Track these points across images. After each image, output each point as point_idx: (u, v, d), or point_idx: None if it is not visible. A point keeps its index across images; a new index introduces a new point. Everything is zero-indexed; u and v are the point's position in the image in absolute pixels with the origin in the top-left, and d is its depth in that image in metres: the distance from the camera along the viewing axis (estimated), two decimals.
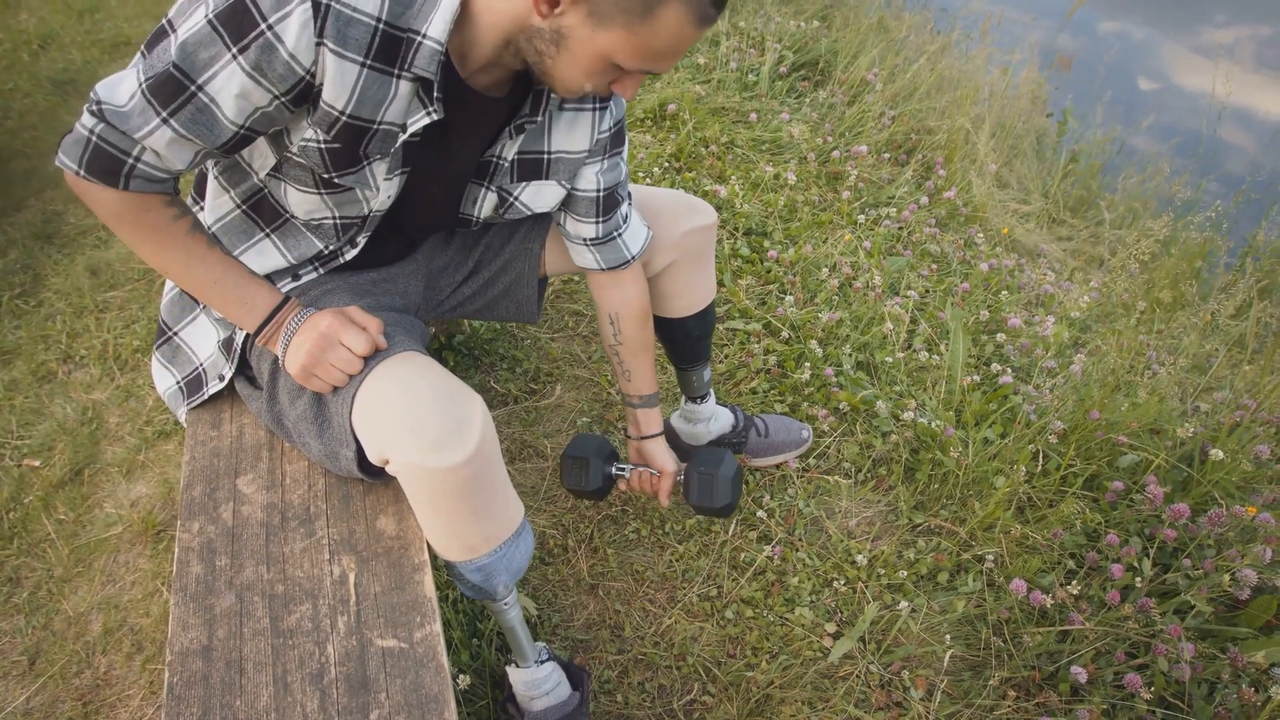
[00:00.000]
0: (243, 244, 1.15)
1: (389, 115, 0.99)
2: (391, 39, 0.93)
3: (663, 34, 0.89)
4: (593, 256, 1.33)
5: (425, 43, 0.93)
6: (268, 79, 0.90)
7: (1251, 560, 1.49)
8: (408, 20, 0.93)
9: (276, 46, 0.88)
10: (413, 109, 0.99)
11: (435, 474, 0.97)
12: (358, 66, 0.92)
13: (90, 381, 1.96)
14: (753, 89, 3.06)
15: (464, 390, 1.03)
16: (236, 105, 0.92)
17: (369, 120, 0.98)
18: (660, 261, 1.43)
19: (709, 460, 1.38)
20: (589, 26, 0.89)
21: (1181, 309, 2.55)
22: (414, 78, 0.96)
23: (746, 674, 1.42)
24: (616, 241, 1.32)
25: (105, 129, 0.94)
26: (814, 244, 2.38)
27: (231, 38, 0.88)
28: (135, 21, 3.55)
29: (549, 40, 0.92)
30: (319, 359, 1.04)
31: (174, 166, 0.98)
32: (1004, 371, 1.99)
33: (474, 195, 1.19)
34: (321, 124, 0.97)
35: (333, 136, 0.98)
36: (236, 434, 1.22)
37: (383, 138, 1.01)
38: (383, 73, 0.94)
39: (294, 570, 1.05)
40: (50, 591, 1.56)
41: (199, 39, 0.89)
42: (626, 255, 1.33)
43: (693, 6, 0.88)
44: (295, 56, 0.89)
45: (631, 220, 1.33)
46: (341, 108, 0.95)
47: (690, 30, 0.90)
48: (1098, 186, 3.53)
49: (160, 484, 1.73)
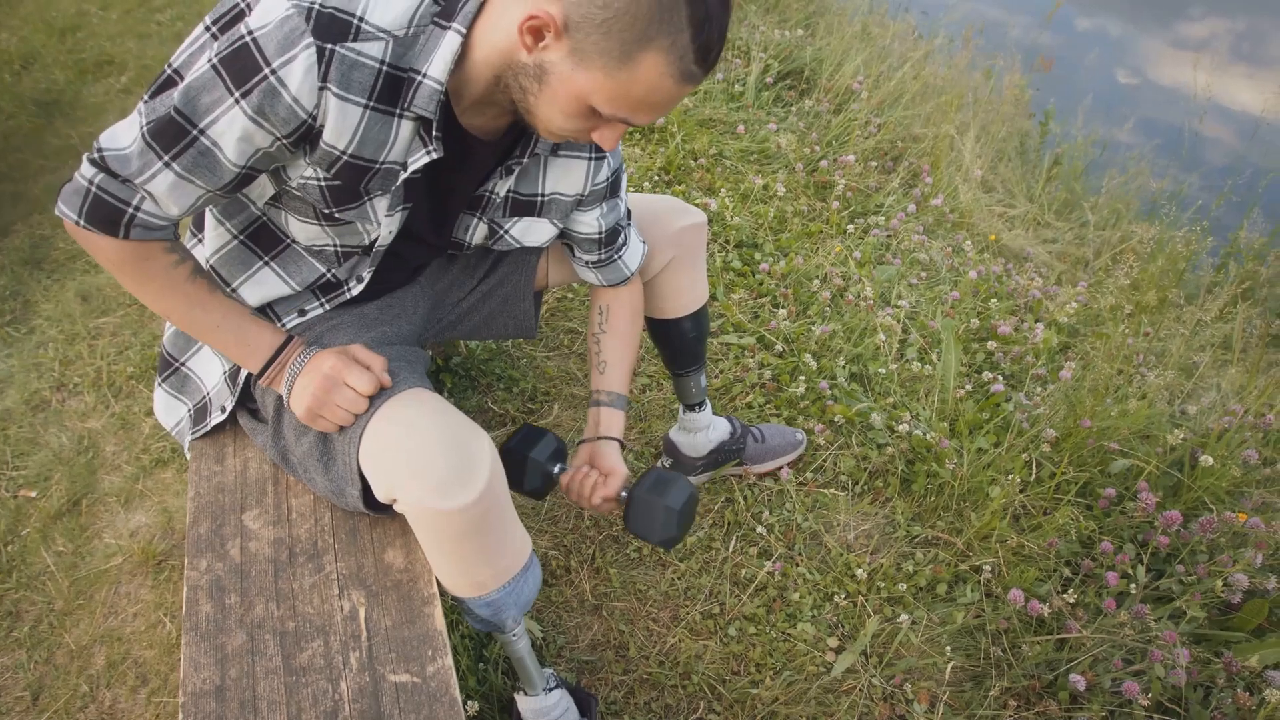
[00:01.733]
0: (241, 274, 1.16)
1: (391, 155, 0.99)
2: (394, 80, 0.93)
3: (641, 83, 0.87)
4: (594, 275, 1.37)
5: (425, 82, 0.94)
6: (270, 122, 0.91)
7: (1243, 566, 1.52)
8: (409, 60, 0.93)
9: (280, 91, 0.88)
10: (414, 148, 1.00)
11: (443, 515, 0.98)
12: (360, 109, 0.93)
13: (85, 409, 1.95)
14: (739, 100, 3.08)
15: (471, 429, 1.04)
16: (238, 148, 0.93)
17: (371, 160, 0.98)
18: (659, 261, 1.45)
19: (659, 485, 1.21)
20: (570, 65, 0.88)
21: (1167, 311, 2.59)
22: (414, 117, 0.97)
23: (751, 692, 1.44)
24: (617, 262, 1.35)
25: (104, 179, 0.95)
26: (805, 255, 2.40)
27: (234, 82, 0.88)
28: (118, 40, 3.53)
29: (532, 76, 0.91)
30: (324, 400, 1.05)
31: (173, 212, 0.98)
32: (995, 380, 2.01)
33: (466, 223, 1.20)
34: (321, 163, 0.97)
35: (333, 175, 0.99)
36: (241, 468, 1.23)
37: (383, 176, 1.01)
38: (385, 113, 0.95)
39: (304, 606, 1.06)
40: (51, 625, 1.55)
41: (202, 83, 0.90)
42: (626, 273, 1.37)
43: (674, 60, 0.86)
44: (299, 100, 0.89)
45: (631, 241, 1.35)
46: (343, 149, 0.95)
47: (670, 84, 0.88)
48: (1081, 188, 3.57)
49: (160, 513, 1.73)
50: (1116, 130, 3.91)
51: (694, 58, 0.87)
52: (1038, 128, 3.85)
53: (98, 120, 2.99)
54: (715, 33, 0.87)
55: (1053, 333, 2.24)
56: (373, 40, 0.90)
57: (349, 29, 0.89)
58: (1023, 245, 2.95)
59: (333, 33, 0.88)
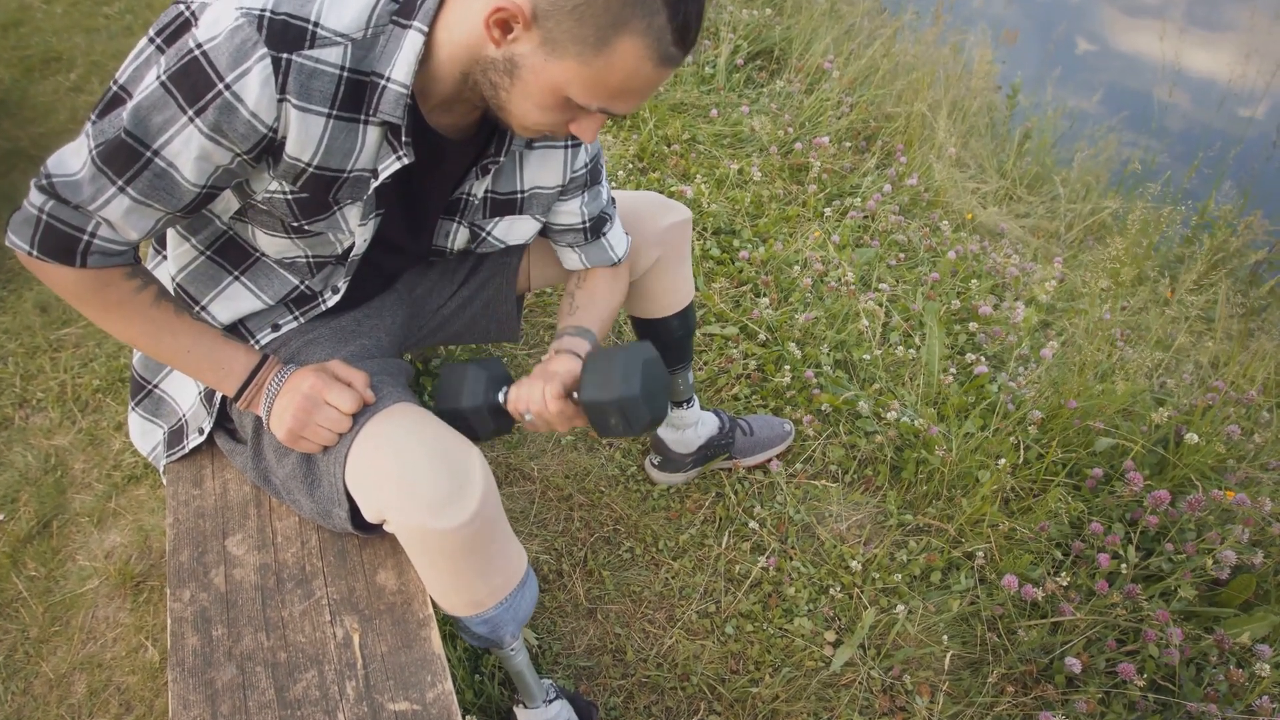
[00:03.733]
0: (210, 291, 1.11)
1: (359, 163, 0.95)
2: (356, 85, 0.89)
3: (618, 69, 0.83)
4: (578, 255, 1.30)
5: (390, 87, 0.89)
6: (228, 139, 0.86)
7: (1231, 542, 1.53)
8: (370, 63, 0.88)
9: (236, 106, 0.83)
10: (383, 154, 0.95)
11: (437, 535, 0.95)
12: (323, 118, 0.88)
13: (50, 426, 1.88)
14: (710, 82, 3.04)
15: (460, 443, 1.00)
16: (196, 167, 0.87)
17: (338, 170, 0.94)
18: (645, 261, 1.41)
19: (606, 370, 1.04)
20: (542, 55, 0.84)
21: (1142, 284, 2.61)
22: (381, 122, 0.92)
23: (751, 690, 1.43)
24: (602, 242, 1.28)
25: (56, 206, 0.89)
26: (783, 240, 2.38)
27: (187, 99, 0.83)
28: (65, 35, 3.39)
29: (503, 71, 0.87)
30: (306, 421, 1.01)
31: (132, 237, 0.92)
32: (979, 361, 2.01)
33: (445, 229, 1.16)
34: (286, 176, 0.93)
35: (299, 187, 0.94)
36: (220, 491, 1.18)
37: (353, 184, 0.97)
38: (349, 120, 0.90)
39: (295, 635, 1.02)
40: (28, 654, 1.50)
41: (151, 102, 0.84)
42: (612, 256, 1.30)
43: (651, 43, 0.82)
44: (257, 115, 0.84)
45: (616, 223, 1.30)
46: (308, 160, 0.91)
47: (649, 69, 0.84)
48: (1051, 161, 3.59)
49: (135, 532, 1.67)
50: (1084, 102, 3.93)
51: (672, 39, 0.83)
52: (1005, 101, 3.86)
53: (47, 121, 2.88)
54: (693, 11, 0.83)
55: (1033, 311, 2.24)
56: (330, 45, 0.85)
57: (304, 35, 0.84)
58: (996, 221, 2.95)
59: (287, 41, 0.83)
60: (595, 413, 1.04)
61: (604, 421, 1.04)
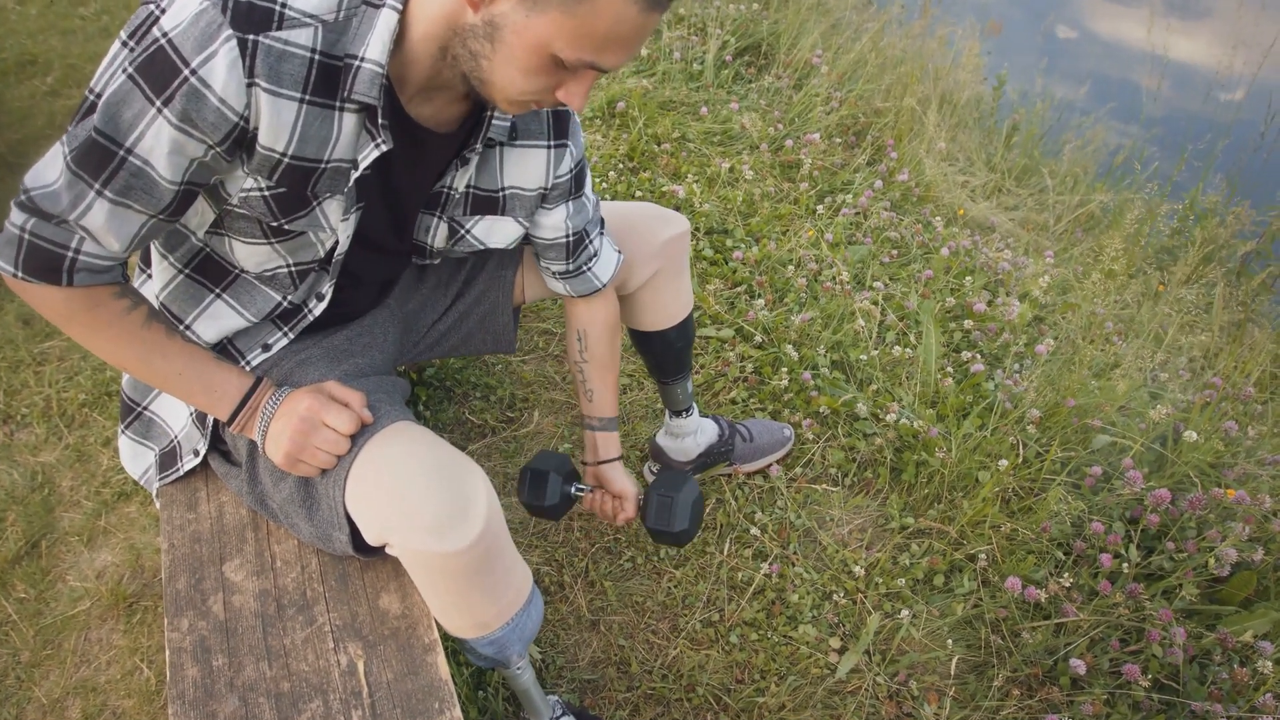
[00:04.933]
0: (193, 310, 1.08)
1: (336, 153, 0.92)
2: (329, 69, 0.86)
3: (604, 13, 0.78)
4: (563, 285, 1.31)
5: (364, 66, 0.86)
6: (199, 129, 0.83)
7: (1233, 540, 1.54)
8: (344, 46, 0.86)
9: (204, 93, 0.80)
10: (361, 142, 0.93)
11: (441, 559, 0.93)
12: (295, 103, 0.85)
13: (36, 442, 1.85)
14: (699, 79, 3.02)
15: (463, 462, 0.98)
16: (171, 162, 0.84)
17: (314, 160, 0.91)
18: (643, 274, 1.40)
19: (669, 484, 1.30)
20: (523, 11, 0.79)
21: (1133, 278, 2.61)
22: (357, 107, 0.89)
23: (757, 700, 1.42)
24: (586, 274, 1.28)
25: (37, 223, 0.86)
26: (776, 239, 2.36)
27: (153, 89, 0.80)
28: (39, 37, 3.32)
29: (483, 37, 0.83)
30: (303, 445, 0.98)
31: (115, 247, 0.89)
32: (974, 359, 2.00)
33: (426, 224, 1.13)
34: (261, 170, 0.90)
35: (276, 181, 0.91)
36: (216, 514, 1.16)
37: (332, 176, 0.94)
38: (324, 106, 0.88)
39: (298, 664, 1.00)
40: (19, 679, 1.47)
41: (119, 96, 0.81)
42: (597, 285, 1.30)
43: None
44: (225, 101, 0.81)
45: (602, 251, 1.29)
46: (282, 150, 0.88)
47: (634, 13, 0.79)
48: (1039, 154, 3.59)
49: (126, 550, 1.64)
50: (1071, 93, 3.93)
51: None
52: (991, 92, 3.85)
53: (24, 126, 2.82)
54: None
55: (1028, 307, 2.24)
56: (299, 27, 0.83)
57: (271, 16, 0.81)
58: (986, 214, 2.95)
59: (253, 22, 0.80)
60: (656, 536, 1.30)
61: (659, 540, 1.32)
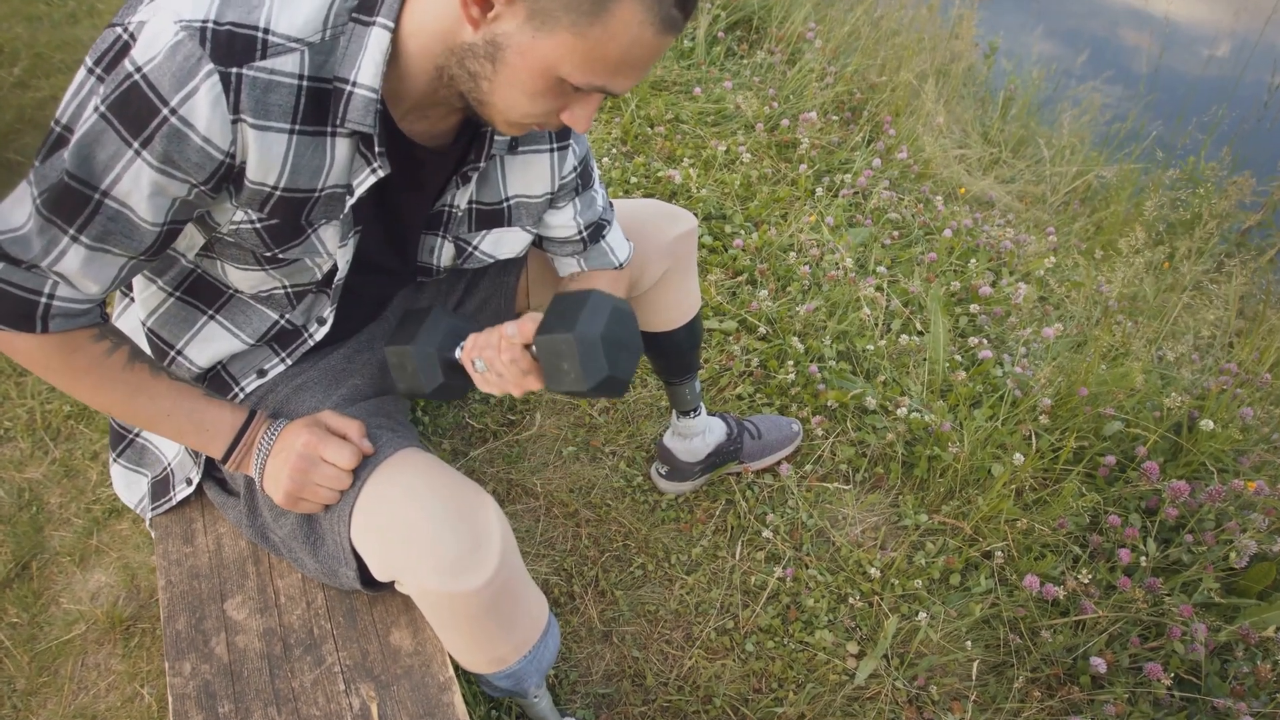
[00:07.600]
0: (185, 334, 1.02)
1: (330, 180, 0.86)
2: (318, 94, 0.79)
3: (618, 37, 0.73)
4: (577, 262, 1.21)
5: (357, 93, 0.80)
6: (181, 170, 0.76)
7: (1253, 533, 1.51)
8: (332, 68, 0.79)
9: (186, 133, 0.74)
10: (356, 167, 0.86)
11: (456, 598, 0.89)
12: (285, 135, 0.79)
13: (21, 458, 1.78)
14: (690, 56, 2.93)
15: (472, 492, 0.93)
16: (152, 205, 0.78)
17: (308, 190, 0.85)
18: (653, 273, 1.34)
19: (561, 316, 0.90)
20: (529, 31, 0.74)
21: (1137, 254, 2.57)
22: (350, 133, 0.83)
23: (776, 710, 1.39)
24: (601, 244, 1.19)
25: (6, 268, 0.79)
26: (776, 224, 2.31)
27: (129, 130, 0.74)
28: (3, 25, 3.18)
29: (484, 57, 0.77)
30: (304, 482, 0.93)
31: (93, 291, 0.83)
32: (981, 345, 1.97)
33: (430, 244, 1.07)
34: (252, 204, 0.84)
35: (268, 214, 0.85)
36: (214, 547, 1.11)
37: (326, 203, 0.88)
38: (314, 135, 0.81)
39: (308, 708, 0.96)
40: (16, 707, 1.42)
41: (92, 136, 0.75)
42: (614, 261, 1.21)
43: (651, 5, 0.72)
44: (210, 140, 0.75)
45: (615, 227, 1.21)
46: (274, 183, 0.82)
47: (650, 35, 0.74)
48: (1035, 123, 3.53)
49: (120, 570, 1.59)
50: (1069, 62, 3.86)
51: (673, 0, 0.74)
52: (983, 60, 3.78)
53: None
54: None
55: (1034, 288, 2.20)
56: (284, 53, 0.76)
57: (254, 45, 0.74)
58: (984, 188, 2.90)
59: (235, 53, 0.73)
60: (548, 352, 0.88)
61: (556, 365, 0.88)
